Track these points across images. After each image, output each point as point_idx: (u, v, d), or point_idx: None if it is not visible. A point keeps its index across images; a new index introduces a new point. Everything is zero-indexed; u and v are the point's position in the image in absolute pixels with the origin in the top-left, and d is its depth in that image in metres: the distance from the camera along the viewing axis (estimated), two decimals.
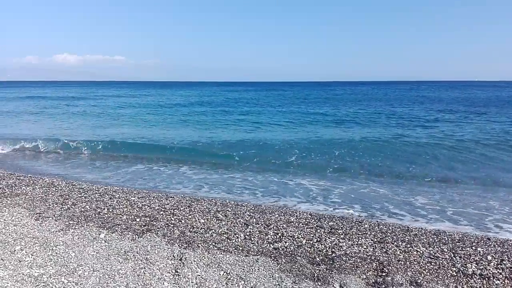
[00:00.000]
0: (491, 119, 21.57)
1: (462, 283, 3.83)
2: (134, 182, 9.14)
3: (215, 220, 5.70)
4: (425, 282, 3.78)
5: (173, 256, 4.20)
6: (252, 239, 4.95)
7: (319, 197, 7.95)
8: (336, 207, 7.28)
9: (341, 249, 4.65)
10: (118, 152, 13.08)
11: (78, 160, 12.25)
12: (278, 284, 3.66)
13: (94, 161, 12.02)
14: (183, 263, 4.02)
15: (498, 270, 4.16)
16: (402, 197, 8.02)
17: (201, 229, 5.26)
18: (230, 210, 6.36)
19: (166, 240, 4.70)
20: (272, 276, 3.81)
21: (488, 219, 6.66)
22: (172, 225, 5.35)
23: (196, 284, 3.62)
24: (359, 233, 5.34)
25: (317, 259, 4.33)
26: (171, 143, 14.51)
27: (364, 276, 3.91)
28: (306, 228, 5.50)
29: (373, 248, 4.73)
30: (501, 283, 3.86)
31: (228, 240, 4.85)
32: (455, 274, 4.03)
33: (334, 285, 3.69)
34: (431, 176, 9.58)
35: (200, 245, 4.59)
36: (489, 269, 4.16)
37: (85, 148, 13.44)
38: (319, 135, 16.53)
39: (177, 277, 3.74)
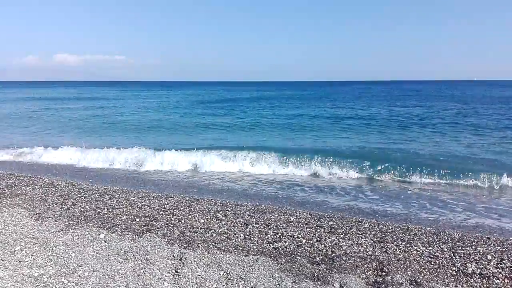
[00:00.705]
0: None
1: (462, 282, 3.83)
2: None
3: (215, 220, 5.70)
4: (425, 282, 3.78)
5: (173, 256, 4.20)
6: (252, 239, 4.95)
7: (360, 194, 8.28)
8: (380, 203, 7.58)
9: (341, 249, 4.66)
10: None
11: None
12: (278, 284, 3.66)
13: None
14: (183, 263, 4.02)
15: (498, 269, 4.16)
16: (430, 193, 8.31)
17: (201, 229, 5.26)
18: (229, 210, 6.36)
19: (166, 240, 4.70)
20: (272, 276, 3.81)
21: None
22: (172, 225, 5.35)
23: (196, 284, 3.62)
24: (359, 232, 5.34)
25: (317, 258, 4.33)
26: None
27: (364, 276, 3.91)
28: (306, 227, 5.50)
29: (373, 248, 4.73)
30: (501, 282, 3.86)
31: (228, 240, 4.85)
32: (455, 274, 4.04)
33: (334, 284, 3.69)
34: (447, 174, 9.64)
35: (200, 245, 4.59)
36: (489, 268, 4.16)
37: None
38: (337, 136, 16.79)
39: (177, 277, 3.74)
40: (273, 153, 11.14)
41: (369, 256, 4.43)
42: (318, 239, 5.00)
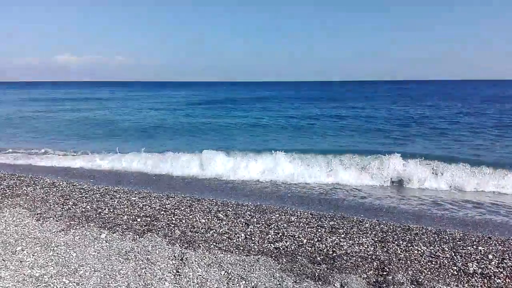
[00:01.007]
0: None
1: (463, 282, 3.83)
2: None
3: (216, 220, 5.70)
4: (426, 281, 3.78)
5: (174, 256, 4.20)
6: (253, 238, 4.96)
7: (364, 194, 8.43)
8: (383, 203, 7.67)
9: (342, 249, 4.66)
10: None
11: None
12: (279, 284, 3.66)
13: None
14: (184, 263, 4.03)
15: (499, 269, 4.16)
16: (436, 193, 8.60)
17: (202, 229, 5.27)
18: (230, 209, 6.36)
19: (167, 240, 4.71)
20: (273, 276, 3.81)
21: None
22: (173, 225, 5.36)
23: (197, 284, 3.63)
24: (360, 232, 5.34)
25: (318, 258, 4.33)
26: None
27: (365, 275, 3.91)
28: (307, 227, 5.50)
29: (374, 248, 4.73)
30: (502, 281, 3.86)
31: (229, 240, 4.86)
32: (456, 273, 4.03)
33: (335, 284, 3.69)
34: (453, 173, 9.67)
35: (201, 245, 4.59)
36: (490, 268, 4.16)
37: None
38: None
39: (178, 277, 3.74)
40: (280, 153, 11.05)
41: (370, 256, 4.43)
42: (319, 239, 5.00)
